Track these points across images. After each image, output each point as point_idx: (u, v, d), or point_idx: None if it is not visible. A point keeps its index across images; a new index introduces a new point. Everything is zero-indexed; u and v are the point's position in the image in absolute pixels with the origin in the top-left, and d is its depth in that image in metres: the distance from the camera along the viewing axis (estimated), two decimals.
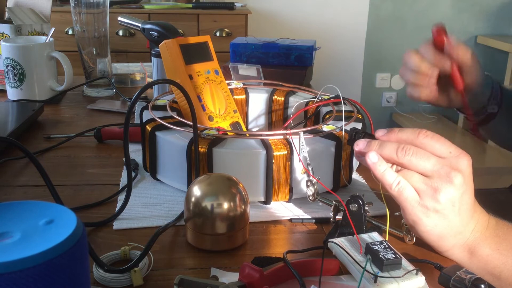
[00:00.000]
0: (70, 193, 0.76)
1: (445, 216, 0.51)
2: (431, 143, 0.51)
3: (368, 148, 0.53)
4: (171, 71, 0.84)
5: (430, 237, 0.52)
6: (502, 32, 3.22)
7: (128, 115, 0.62)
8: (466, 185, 0.51)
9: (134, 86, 1.40)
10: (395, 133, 0.52)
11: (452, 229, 0.52)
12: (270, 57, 1.29)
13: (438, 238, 0.52)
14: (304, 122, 0.90)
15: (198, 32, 2.59)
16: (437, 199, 0.50)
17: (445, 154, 0.51)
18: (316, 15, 3.09)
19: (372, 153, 0.52)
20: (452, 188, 0.50)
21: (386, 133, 0.53)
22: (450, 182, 0.50)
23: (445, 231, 0.52)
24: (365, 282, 0.51)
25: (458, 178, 0.50)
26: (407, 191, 0.51)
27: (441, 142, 0.51)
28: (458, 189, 0.50)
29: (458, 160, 0.50)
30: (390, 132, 0.53)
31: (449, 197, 0.50)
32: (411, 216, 0.52)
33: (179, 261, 0.60)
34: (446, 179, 0.50)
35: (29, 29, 1.30)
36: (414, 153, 0.50)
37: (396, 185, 0.51)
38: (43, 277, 0.32)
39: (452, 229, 0.52)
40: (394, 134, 0.52)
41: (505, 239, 0.52)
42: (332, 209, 0.66)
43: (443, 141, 0.51)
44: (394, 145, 0.51)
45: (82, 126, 1.03)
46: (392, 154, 0.51)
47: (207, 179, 0.62)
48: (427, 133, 0.51)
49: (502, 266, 0.51)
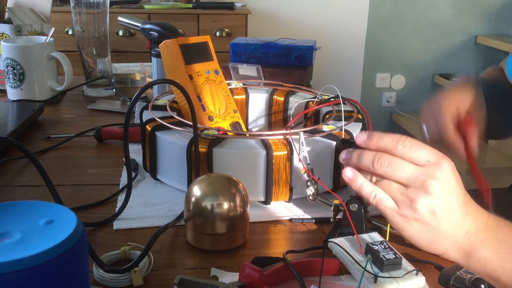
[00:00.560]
0: (70, 193, 0.76)
1: (427, 224, 0.51)
2: (409, 152, 0.51)
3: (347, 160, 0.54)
4: (171, 71, 0.84)
5: (418, 242, 0.52)
6: (502, 32, 3.22)
7: (128, 115, 0.62)
8: (446, 192, 0.50)
9: (134, 86, 1.40)
10: (374, 139, 0.53)
11: (440, 233, 0.51)
12: (270, 57, 1.29)
13: (427, 243, 0.52)
14: (304, 122, 0.90)
15: (198, 32, 2.59)
16: (415, 209, 0.50)
17: (423, 162, 0.51)
18: (316, 15, 3.09)
19: (347, 169, 0.53)
20: (428, 197, 0.50)
21: (366, 140, 0.53)
22: (426, 191, 0.50)
23: (432, 236, 0.51)
24: (365, 282, 0.51)
25: (434, 187, 0.49)
26: (384, 201, 0.51)
27: (420, 150, 0.51)
28: (435, 197, 0.50)
29: (436, 168, 0.50)
30: (369, 138, 0.53)
31: (426, 206, 0.50)
32: (394, 225, 0.52)
33: (179, 261, 0.60)
34: (421, 189, 0.50)
35: (29, 29, 1.30)
36: (389, 164, 0.51)
37: (373, 198, 0.52)
38: (43, 277, 0.32)
39: (440, 234, 0.51)
40: (374, 141, 0.52)
41: (505, 242, 0.51)
42: (332, 209, 0.66)
43: (422, 148, 0.51)
44: (371, 156, 0.52)
45: (82, 126, 1.03)
46: (369, 165, 0.52)
47: (207, 179, 0.62)
48: (406, 142, 0.51)
49: (501, 270, 0.50)
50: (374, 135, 0.52)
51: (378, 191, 0.52)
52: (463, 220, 0.51)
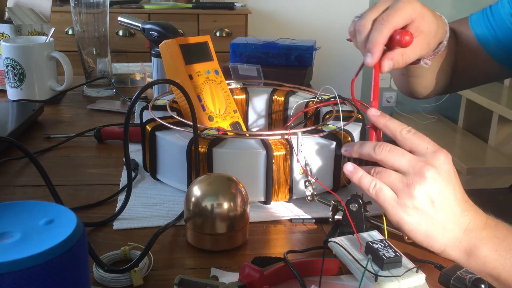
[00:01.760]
0: (70, 193, 0.76)
1: (425, 213, 0.51)
2: (412, 138, 0.53)
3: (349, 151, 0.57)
4: (171, 71, 0.84)
5: (417, 236, 0.53)
6: None
7: (128, 115, 0.62)
8: (443, 180, 0.52)
9: (134, 86, 1.40)
10: (385, 118, 0.56)
11: (438, 226, 0.52)
12: (270, 57, 1.29)
13: (426, 237, 0.52)
14: (304, 122, 0.90)
15: (198, 32, 2.59)
16: (412, 195, 0.51)
17: (423, 150, 0.53)
18: (316, 15, 3.09)
19: (348, 164, 0.56)
20: (425, 182, 0.51)
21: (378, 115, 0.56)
22: (423, 176, 0.51)
23: (430, 229, 0.52)
24: (366, 281, 0.51)
25: (430, 172, 0.51)
26: (384, 191, 0.53)
27: (421, 138, 0.54)
28: (432, 183, 0.51)
29: (434, 156, 0.52)
30: (381, 116, 0.56)
31: (424, 191, 0.51)
32: (393, 217, 0.53)
33: (179, 261, 0.60)
34: (418, 174, 0.51)
35: (29, 29, 1.30)
36: (390, 150, 0.53)
37: (373, 188, 0.54)
38: (43, 277, 0.32)
39: (437, 226, 0.52)
40: (384, 120, 0.56)
41: (504, 240, 0.51)
42: (331, 209, 0.66)
43: (423, 138, 0.54)
44: (372, 143, 0.55)
45: (82, 126, 1.03)
46: (370, 151, 0.55)
47: (207, 179, 0.62)
48: (410, 129, 0.54)
49: (501, 268, 0.51)
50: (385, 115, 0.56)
51: (377, 181, 0.54)
52: (462, 216, 0.52)
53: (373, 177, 0.54)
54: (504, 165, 2.64)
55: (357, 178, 0.55)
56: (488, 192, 2.61)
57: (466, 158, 2.62)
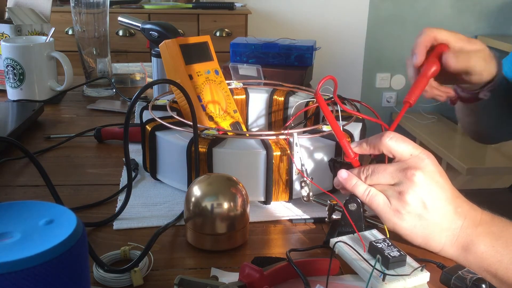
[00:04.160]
0: (70, 193, 0.76)
1: (419, 216, 0.52)
2: (394, 145, 0.54)
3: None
4: (171, 71, 0.84)
5: (414, 239, 0.53)
6: (502, 32, 3.22)
7: (128, 115, 0.62)
8: (431, 181, 0.52)
9: (134, 86, 1.40)
10: (364, 144, 0.57)
11: (435, 227, 0.52)
12: (270, 57, 1.29)
13: (423, 239, 0.53)
14: (304, 122, 0.90)
15: (198, 32, 2.59)
16: (405, 201, 0.52)
17: (407, 156, 0.53)
18: (316, 15, 3.09)
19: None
20: (415, 187, 0.52)
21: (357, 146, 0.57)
22: (411, 181, 0.52)
23: (426, 231, 0.52)
24: (373, 281, 0.51)
25: (417, 176, 0.52)
26: (377, 198, 0.54)
27: (405, 144, 0.54)
28: (422, 186, 0.52)
29: (417, 160, 0.53)
30: (359, 145, 0.57)
31: (415, 196, 0.52)
32: (388, 222, 0.54)
33: (179, 261, 0.60)
34: (407, 181, 0.52)
35: (29, 29, 1.30)
36: (372, 171, 0.55)
37: (366, 195, 0.55)
38: (43, 277, 0.32)
39: (433, 227, 0.52)
40: (365, 145, 0.56)
41: (501, 236, 0.52)
42: (328, 209, 0.66)
43: (406, 143, 0.54)
44: (356, 170, 0.56)
45: (82, 126, 1.03)
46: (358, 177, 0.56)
47: (207, 179, 0.62)
48: (390, 135, 0.54)
49: (498, 264, 0.51)
50: (362, 141, 0.57)
51: (371, 188, 0.55)
52: (456, 213, 0.52)
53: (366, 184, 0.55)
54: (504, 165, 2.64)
55: (351, 185, 0.56)
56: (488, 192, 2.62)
57: (466, 158, 2.62)
